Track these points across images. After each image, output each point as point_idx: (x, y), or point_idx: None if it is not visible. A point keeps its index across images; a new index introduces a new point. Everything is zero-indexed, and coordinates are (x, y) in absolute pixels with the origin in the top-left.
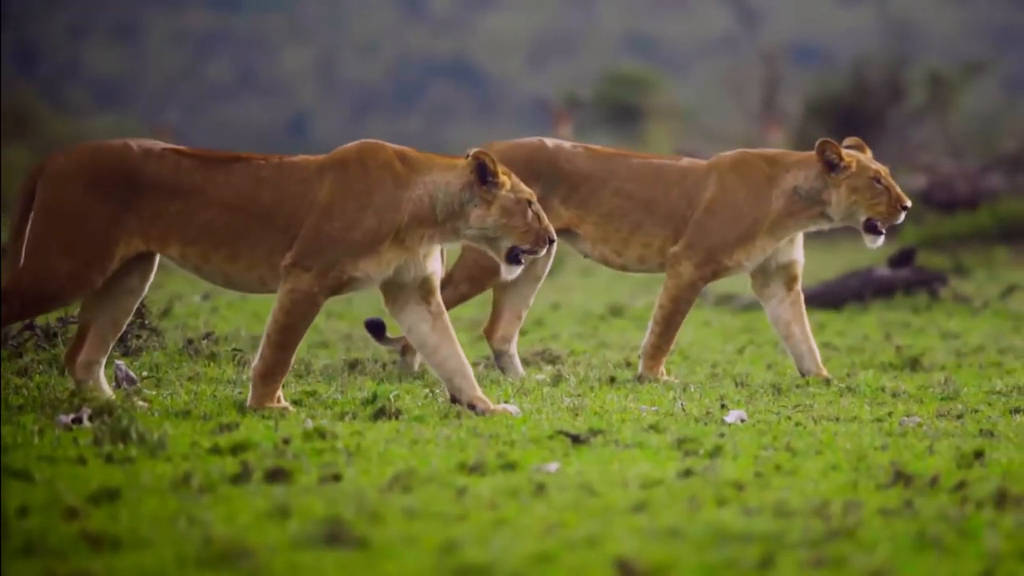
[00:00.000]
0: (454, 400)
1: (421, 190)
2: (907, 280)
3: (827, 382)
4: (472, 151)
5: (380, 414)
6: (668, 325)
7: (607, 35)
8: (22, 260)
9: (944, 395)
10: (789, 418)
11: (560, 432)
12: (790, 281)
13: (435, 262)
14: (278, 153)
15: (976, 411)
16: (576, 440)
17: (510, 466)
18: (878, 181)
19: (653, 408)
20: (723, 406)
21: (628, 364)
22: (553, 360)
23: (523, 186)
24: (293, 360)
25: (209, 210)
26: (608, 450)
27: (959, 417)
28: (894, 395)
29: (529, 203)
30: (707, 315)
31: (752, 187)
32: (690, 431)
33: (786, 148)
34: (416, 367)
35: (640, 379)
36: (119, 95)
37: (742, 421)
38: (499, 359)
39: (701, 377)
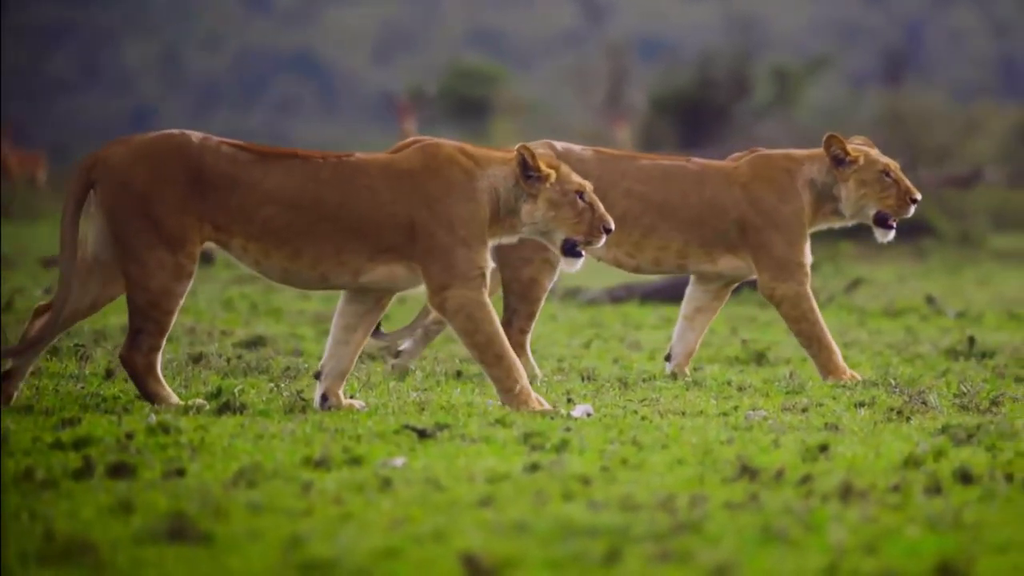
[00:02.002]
0: (318, 376)
1: (487, 182)
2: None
3: (674, 376)
4: (517, 146)
5: (224, 409)
6: (816, 339)
7: (452, 29)
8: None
9: (789, 389)
10: (635, 412)
11: (406, 427)
12: (732, 282)
13: None
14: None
15: (821, 405)
16: (422, 434)
17: (356, 461)
18: (887, 175)
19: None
20: (569, 400)
21: None
22: (399, 355)
23: (573, 177)
24: (516, 358)
25: (269, 206)
26: (454, 444)
27: (804, 411)
28: (740, 389)
29: (580, 194)
30: (553, 309)
31: (778, 187)
32: (536, 425)
33: (632, 144)
34: (411, 366)
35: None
36: None
37: (588, 415)
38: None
39: (547, 371)
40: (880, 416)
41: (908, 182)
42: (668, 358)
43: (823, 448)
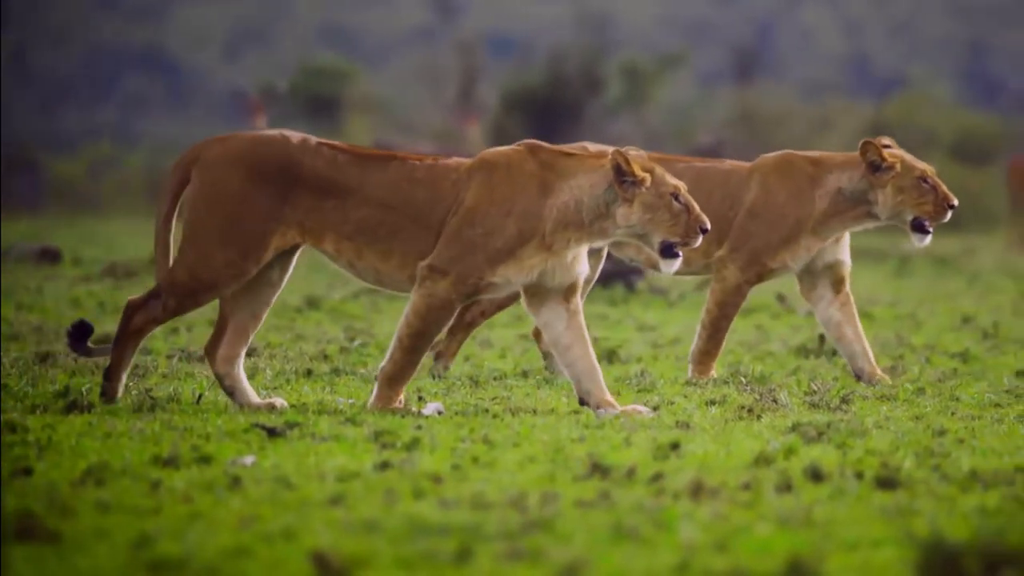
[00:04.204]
0: (582, 403)
1: (567, 195)
2: (604, 272)
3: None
4: (612, 151)
5: (72, 407)
6: (716, 329)
7: (303, 26)
8: (177, 253)
9: (641, 387)
10: (487, 410)
11: (256, 425)
12: (837, 283)
13: (582, 264)
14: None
15: (672, 403)
16: (272, 433)
17: (205, 459)
18: (925, 180)
19: (350, 401)
20: (420, 398)
21: (325, 357)
22: (249, 353)
23: (668, 179)
24: (416, 368)
25: (365, 207)
26: (305, 443)
27: (655, 409)
28: None
29: (675, 195)
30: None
31: (794, 188)
32: (387, 424)
33: (483, 141)
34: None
35: (693, 383)
36: None
37: (439, 413)
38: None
39: None
40: (731, 414)
41: (945, 188)
42: (857, 377)
43: (674, 446)
